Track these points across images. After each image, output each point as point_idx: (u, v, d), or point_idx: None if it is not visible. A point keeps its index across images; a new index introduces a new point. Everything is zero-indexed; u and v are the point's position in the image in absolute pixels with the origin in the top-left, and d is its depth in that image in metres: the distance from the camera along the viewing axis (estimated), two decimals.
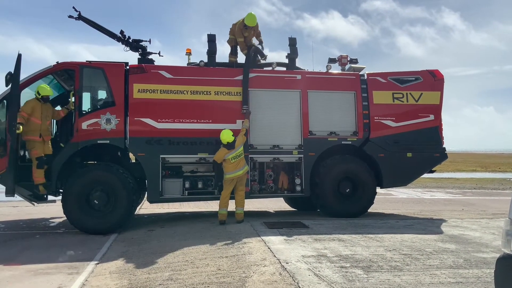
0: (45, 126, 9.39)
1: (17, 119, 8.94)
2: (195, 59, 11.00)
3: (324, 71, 11.02)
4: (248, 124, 9.95)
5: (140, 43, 10.71)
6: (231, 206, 9.56)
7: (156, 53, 10.88)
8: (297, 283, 5.17)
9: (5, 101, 9.29)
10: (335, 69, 11.29)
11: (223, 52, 11.55)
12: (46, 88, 9.50)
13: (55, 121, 10.75)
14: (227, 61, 11.05)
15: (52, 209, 11.96)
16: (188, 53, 10.93)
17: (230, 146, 9.33)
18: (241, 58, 10.96)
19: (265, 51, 10.96)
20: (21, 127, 9.03)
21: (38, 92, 9.36)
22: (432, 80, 11.16)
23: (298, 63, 11.21)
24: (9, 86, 9.18)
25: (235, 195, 9.53)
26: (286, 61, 11.14)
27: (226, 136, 9.32)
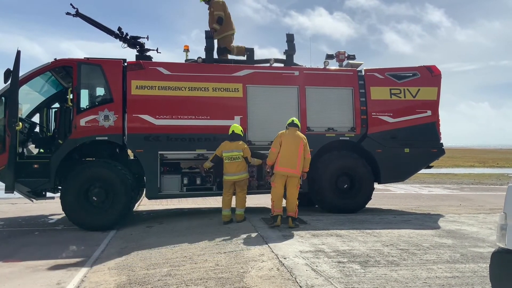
0: None
1: (17, 116, 8.95)
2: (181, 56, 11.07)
3: (322, 67, 11.03)
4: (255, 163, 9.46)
5: (138, 40, 10.72)
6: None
7: (154, 50, 10.91)
8: (295, 278, 5.20)
9: (3, 97, 9.29)
10: (333, 65, 11.31)
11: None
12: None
13: (53, 117, 10.78)
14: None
15: (51, 206, 11.99)
16: (186, 50, 10.94)
17: (232, 137, 9.03)
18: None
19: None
20: (20, 123, 9.05)
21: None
22: (430, 75, 11.18)
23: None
24: (8, 82, 9.19)
25: (235, 197, 9.23)
26: (284, 57, 11.16)
27: (235, 127, 9.14)
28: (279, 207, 8.43)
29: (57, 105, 10.99)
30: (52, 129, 10.70)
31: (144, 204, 13.16)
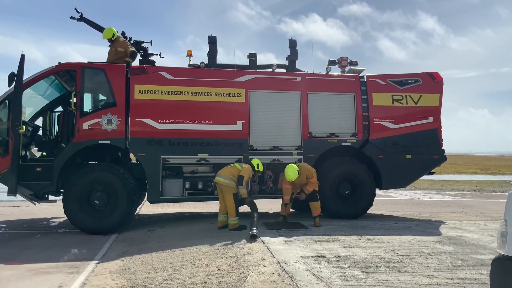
0: None
1: (20, 119, 9.00)
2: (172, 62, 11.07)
3: (324, 73, 11.07)
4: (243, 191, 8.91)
5: (141, 45, 10.78)
6: None
7: (157, 54, 10.98)
8: (296, 283, 5.21)
9: (7, 101, 9.35)
10: (335, 71, 11.36)
11: (220, 54, 11.61)
12: None
13: (56, 121, 10.82)
14: (225, 62, 11.08)
15: (53, 209, 12.03)
16: (189, 55, 10.99)
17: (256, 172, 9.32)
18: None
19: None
20: (23, 126, 9.10)
21: None
22: (432, 82, 11.21)
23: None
24: (12, 86, 9.24)
25: None
26: (286, 62, 11.21)
27: (253, 160, 9.42)
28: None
29: (60, 108, 11.04)
30: (55, 132, 10.74)
31: (146, 208, 13.18)
